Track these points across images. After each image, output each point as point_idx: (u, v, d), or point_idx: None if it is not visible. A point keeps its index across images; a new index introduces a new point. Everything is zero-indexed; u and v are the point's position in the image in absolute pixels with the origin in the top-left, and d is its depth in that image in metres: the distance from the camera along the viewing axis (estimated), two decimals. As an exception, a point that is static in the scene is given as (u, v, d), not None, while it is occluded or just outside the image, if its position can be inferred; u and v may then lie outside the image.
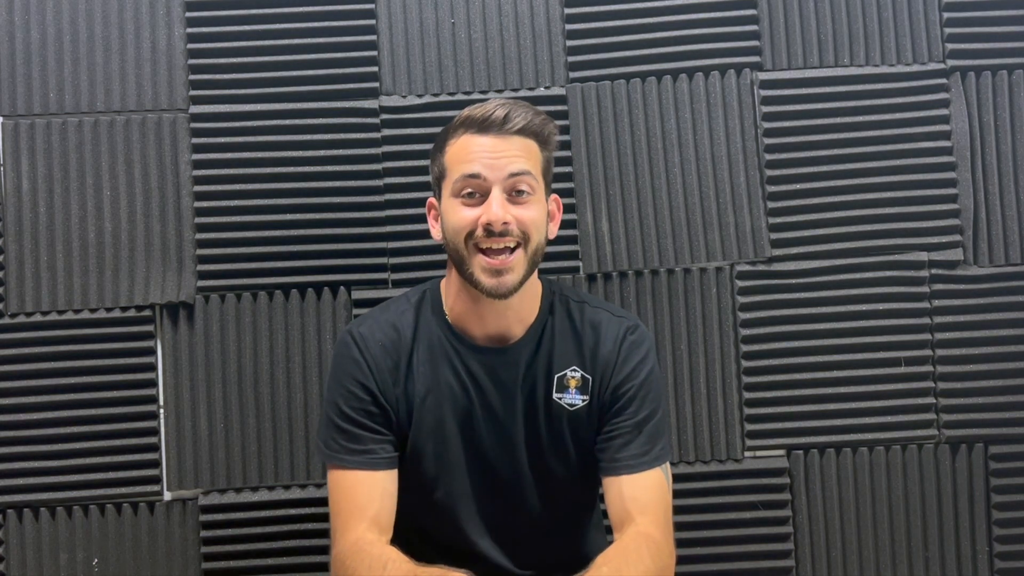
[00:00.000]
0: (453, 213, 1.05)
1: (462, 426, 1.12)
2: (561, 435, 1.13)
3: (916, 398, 1.55)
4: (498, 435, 1.12)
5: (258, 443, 1.53)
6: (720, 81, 1.56)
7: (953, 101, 1.56)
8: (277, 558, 1.50)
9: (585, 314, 1.15)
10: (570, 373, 1.12)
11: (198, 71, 1.55)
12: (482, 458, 1.13)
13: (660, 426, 1.12)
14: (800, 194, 1.56)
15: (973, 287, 1.55)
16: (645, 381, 1.12)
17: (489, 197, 1.03)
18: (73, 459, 1.51)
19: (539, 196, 1.07)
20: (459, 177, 1.04)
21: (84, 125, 1.53)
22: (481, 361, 1.11)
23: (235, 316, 1.53)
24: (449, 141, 1.08)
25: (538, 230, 1.06)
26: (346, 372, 1.10)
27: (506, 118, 1.04)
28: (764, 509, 1.54)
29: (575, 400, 1.12)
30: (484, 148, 1.04)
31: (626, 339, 1.13)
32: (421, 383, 1.11)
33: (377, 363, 1.10)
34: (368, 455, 1.07)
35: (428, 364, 1.11)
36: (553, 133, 1.10)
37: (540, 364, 1.12)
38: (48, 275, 1.52)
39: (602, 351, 1.12)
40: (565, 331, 1.14)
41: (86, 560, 1.51)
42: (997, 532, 1.54)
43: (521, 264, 1.05)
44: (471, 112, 1.06)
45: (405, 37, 1.57)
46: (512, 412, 1.12)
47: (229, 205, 1.54)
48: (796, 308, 1.55)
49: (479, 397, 1.11)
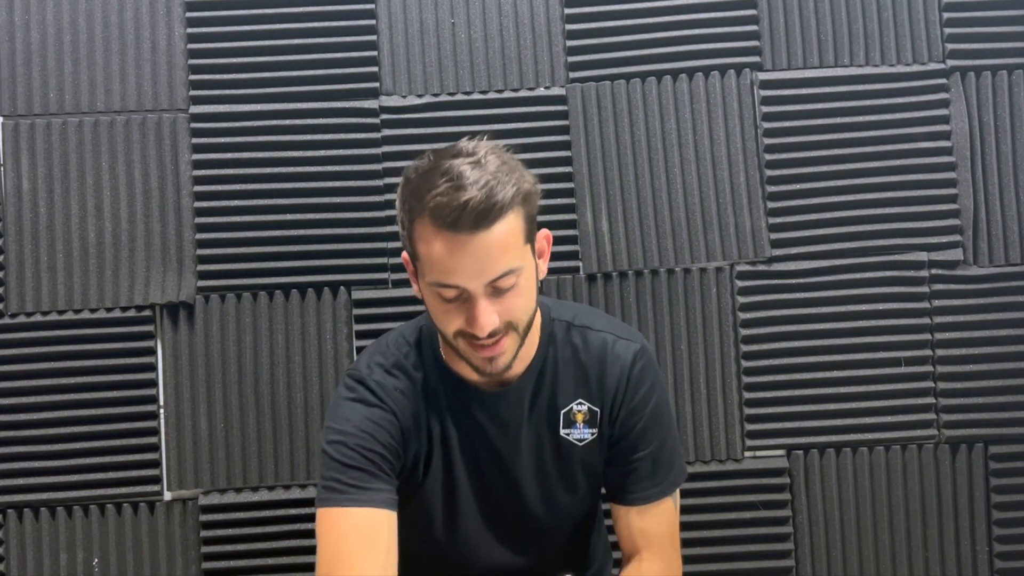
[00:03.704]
0: (434, 306, 0.95)
1: (468, 470, 1.07)
2: (571, 470, 1.08)
3: (916, 398, 1.55)
4: (504, 476, 1.07)
5: (258, 443, 1.53)
6: (720, 81, 1.56)
7: (953, 101, 1.56)
8: (277, 558, 1.50)
9: (588, 340, 1.07)
10: (576, 407, 1.06)
11: (198, 71, 1.55)
12: (490, 500, 1.08)
13: (672, 453, 1.08)
14: (800, 194, 1.56)
15: (973, 287, 1.55)
16: (655, 410, 1.06)
17: (473, 303, 0.91)
18: (73, 459, 1.51)
19: (527, 270, 0.94)
20: (434, 281, 0.91)
21: (84, 125, 1.53)
22: (482, 405, 1.05)
23: (235, 316, 1.53)
24: (416, 225, 0.91)
25: (527, 309, 0.95)
26: (363, 416, 1.01)
27: (484, 212, 0.87)
28: (764, 509, 1.54)
29: (584, 435, 1.06)
30: (460, 255, 0.88)
31: (635, 365, 1.06)
32: (432, 431, 1.05)
33: (402, 411, 1.02)
34: (384, 493, 0.99)
35: (435, 411, 1.05)
36: (532, 187, 0.95)
37: (543, 401, 1.06)
38: (48, 275, 1.52)
39: (609, 380, 1.05)
40: (568, 362, 1.06)
41: (86, 560, 1.51)
42: (997, 532, 1.54)
43: (513, 344, 0.96)
44: (439, 201, 0.87)
45: (405, 37, 1.57)
46: (517, 452, 1.06)
47: (229, 205, 1.54)
48: (796, 308, 1.55)
49: (482, 440, 1.06)
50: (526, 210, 0.93)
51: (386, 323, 1.52)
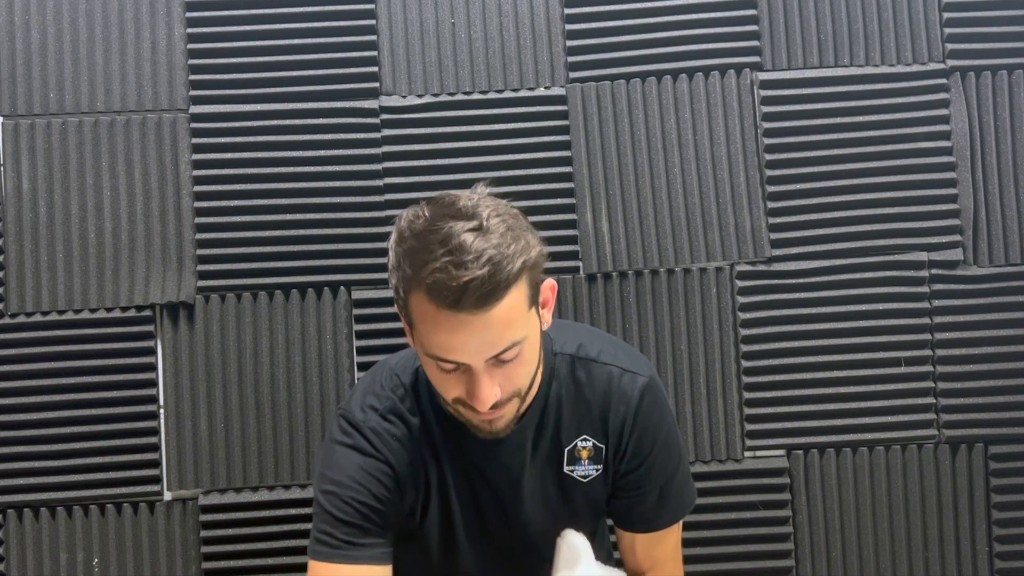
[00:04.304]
0: (433, 374, 0.91)
1: (467, 513, 1.05)
2: (575, 505, 1.06)
3: (916, 398, 1.54)
4: (506, 518, 1.05)
5: (258, 443, 1.52)
6: (720, 81, 1.56)
7: (953, 101, 1.56)
8: (277, 558, 1.50)
9: (593, 374, 1.02)
10: (580, 444, 1.03)
11: (198, 71, 1.55)
12: (492, 544, 1.07)
13: (683, 483, 1.07)
14: (800, 194, 1.56)
15: (973, 287, 1.55)
16: (664, 445, 1.04)
17: (473, 377, 0.86)
18: (73, 459, 1.51)
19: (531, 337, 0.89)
20: (433, 355, 0.86)
21: (84, 125, 1.53)
22: (483, 452, 1.01)
23: (235, 316, 1.53)
24: (412, 293, 0.84)
25: (530, 374, 0.92)
26: (359, 466, 0.98)
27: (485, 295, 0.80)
28: (764, 509, 1.53)
29: (588, 471, 1.04)
30: (460, 335, 0.82)
31: (643, 401, 1.02)
32: (429, 477, 1.02)
33: (399, 459, 0.99)
34: (379, 549, 0.98)
35: (432, 456, 1.02)
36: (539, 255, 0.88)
37: (546, 440, 1.02)
38: (48, 275, 1.52)
39: (614, 417, 1.02)
40: (571, 399, 1.02)
41: (86, 560, 1.50)
42: (997, 532, 1.53)
43: (514, 407, 0.93)
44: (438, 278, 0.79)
45: (405, 37, 1.57)
46: (519, 496, 1.04)
47: (229, 205, 1.54)
48: (796, 308, 1.55)
49: (483, 484, 1.03)
50: (531, 278, 0.87)
51: (386, 323, 1.53)
